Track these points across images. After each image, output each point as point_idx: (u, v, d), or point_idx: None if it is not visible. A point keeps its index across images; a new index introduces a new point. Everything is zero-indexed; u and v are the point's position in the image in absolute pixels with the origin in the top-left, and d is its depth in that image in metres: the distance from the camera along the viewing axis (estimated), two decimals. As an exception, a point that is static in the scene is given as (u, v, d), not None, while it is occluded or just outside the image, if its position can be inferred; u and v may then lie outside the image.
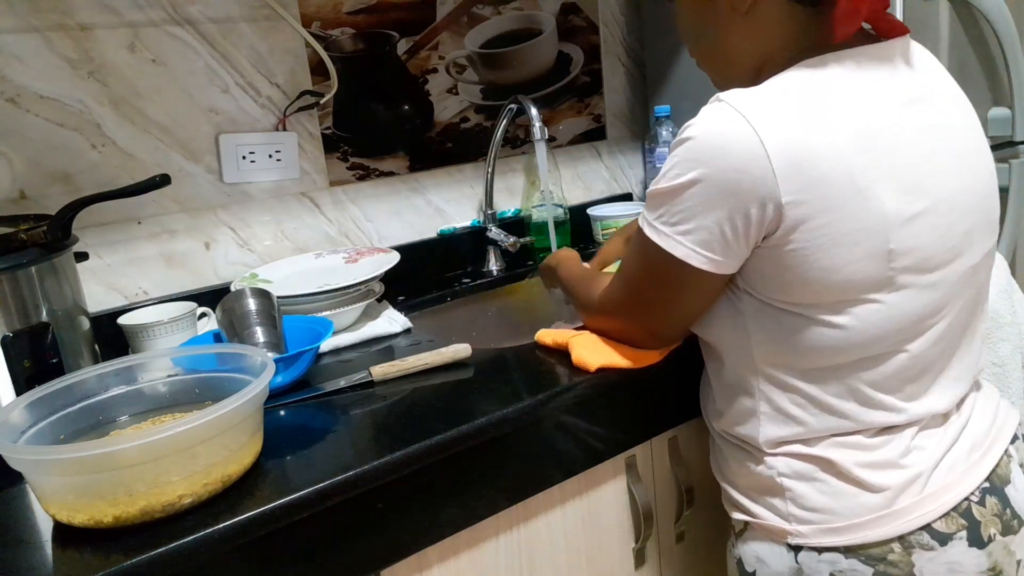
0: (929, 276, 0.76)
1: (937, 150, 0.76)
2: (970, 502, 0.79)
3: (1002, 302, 1.05)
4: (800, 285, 0.74)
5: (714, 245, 0.76)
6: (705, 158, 0.73)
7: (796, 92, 0.73)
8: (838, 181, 0.71)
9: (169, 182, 0.97)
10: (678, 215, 0.76)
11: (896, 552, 0.78)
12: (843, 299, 0.74)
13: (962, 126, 0.81)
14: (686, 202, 0.75)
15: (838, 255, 0.72)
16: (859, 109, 0.73)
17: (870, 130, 0.73)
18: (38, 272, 0.93)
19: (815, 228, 0.71)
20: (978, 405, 0.86)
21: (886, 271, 0.73)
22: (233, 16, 1.29)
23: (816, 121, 0.71)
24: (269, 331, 1.01)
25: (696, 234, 0.76)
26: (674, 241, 0.77)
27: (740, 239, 0.75)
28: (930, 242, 0.75)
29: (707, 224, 0.75)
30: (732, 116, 0.72)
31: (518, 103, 1.45)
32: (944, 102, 0.80)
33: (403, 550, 0.82)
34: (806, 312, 0.76)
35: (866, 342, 0.76)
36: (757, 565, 0.86)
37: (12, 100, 1.13)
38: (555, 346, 1.02)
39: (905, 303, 0.75)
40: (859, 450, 0.79)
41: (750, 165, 0.71)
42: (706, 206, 0.74)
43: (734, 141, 0.71)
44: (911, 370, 0.79)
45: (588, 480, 0.98)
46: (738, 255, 0.77)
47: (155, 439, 0.67)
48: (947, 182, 0.76)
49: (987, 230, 0.82)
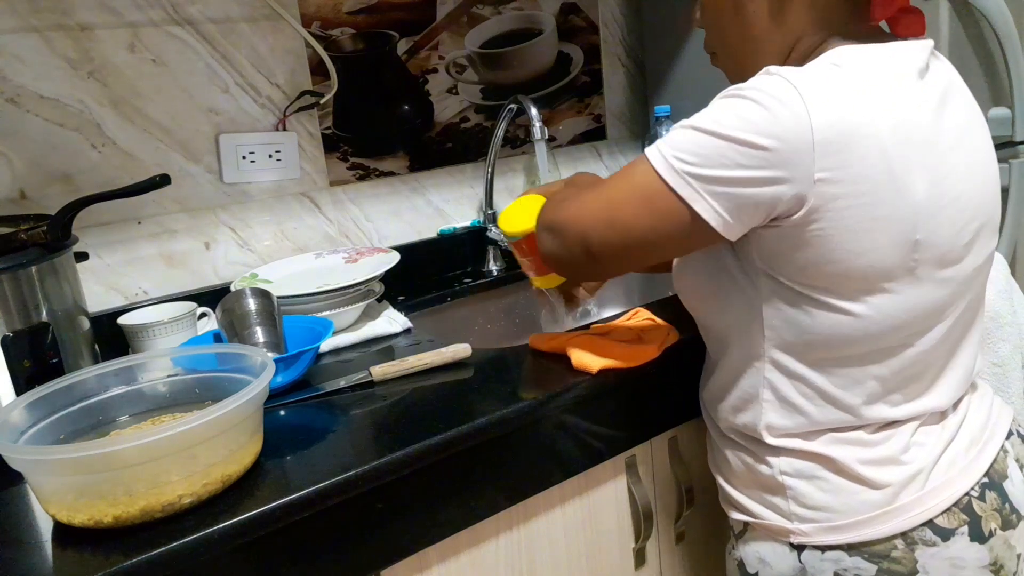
0: (944, 272, 0.76)
1: (957, 147, 0.77)
2: (970, 497, 0.79)
3: (1002, 302, 1.05)
4: (823, 266, 0.74)
5: (733, 208, 0.73)
6: (752, 117, 0.71)
7: (842, 72, 0.73)
8: (874, 164, 0.70)
9: (169, 182, 0.96)
10: (701, 157, 0.72)
11: (899, 549, 0.78)
12: (862, 286, 0.74)
13: (974, 127, 0.81)
14: (716, 151, 0.72)
15: (865, 239, 0.72)
16: (898, 97, 0.73)
17: (908, 118, 0.73)
18: (38, 272, 0.93)
19: (844, 208, 0.71)
20: (974, 402, 0.86)
21: (908, 261, 0.73)
22: (233, 16, 1.29)
23: (861, 103, 0.71)
24: (269, 331, 1.01)
25: (717, 187, 0.72)
26: (692, 190, 0.73)
27: (761, 207, 0.72)
28: (949, 237, 0.75)
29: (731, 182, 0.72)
30: (786, 87, 0.71)
31: (518, 103, 1.45)
32: (960, 103, 0.80)
33: (403, 550, 0.82)
34: (824, 296, 0.76)
35: (879, 333, 0.76)
36: (760, 566, 0.86)
37: (12, 100, 1.13)
38: (551, 351, 1.01)
39: (921, 296, 0.76)
40: (860, 447, 0.80)
41: (793, 135, 0.69)
42: (736, 164, 0.71)
43: (784, 108, 0.70)
44: (916, 367, 0.79)
45: (588, 480, 0.98)
46: (746, 225, 0.75)
47: (155, 439, 0.67)
48: (963, 180, 0.77)
49: (992, 231, 0.82)
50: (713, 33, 0.88)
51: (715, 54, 0.90)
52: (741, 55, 0.86)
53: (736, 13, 0.83)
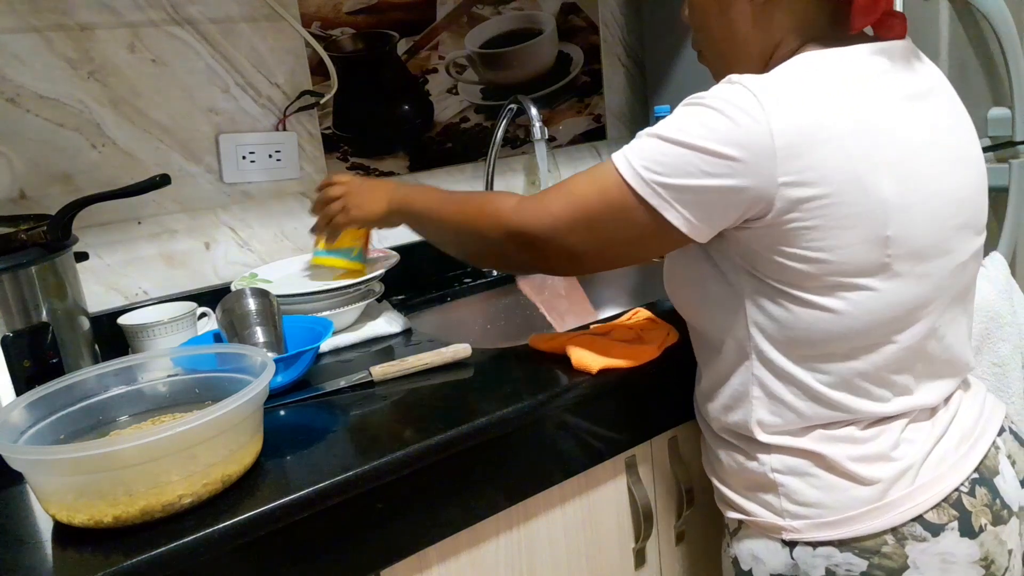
0: (922, 266, 0.77)
1: (932, 143, 0.78)
2: (960, 493, 0.80)
3: (1002, 302, 1.05)
4: (798, 264, 0.75)
5: (702, 215, 0.76)
6: (713, 124, 0.73)
7: (804, 78, 0.75)
8: (838, 165, 0.72)
9: (169, 182, 0.96)
10: (665, 166, 0.75)
11: (889, 544, 0.78)
12: (838, 282, 0.75)
13: (957, 127, 0.82)
14: (680, 159, 0.74)
15: (834, 237, 0.73)
16: (861, 98, 0.75)
17: (870, 119, 0.74)
18: (38, 272, 0.93)
19: (811, 209, 0.72)
20: (965, 399, 0.87)
21: (882, 257, 0.74)
22: (233, 16, 1.29)
23: (821, 106, 0.73)
24: (269, 331, 1.01)
25: (680, 193, 0.75)
26: (661, 199, 0.76)
27: (729, 212, 0.75)
28: (925, 233, 0.76)
29: (694, 186, 0.74)
30: (745, 94, 0.73)
31: (518, 103, 1.45)
32: (941, 102, 0.82)
33: (403, 550, 0.82)
34: (803, 293, 0.77)
35: (859, 328, 0.77)
36: (753, 563, 0.86)
37: (12, 100, 1.13)
38: (551, 351, 1.02)
39: (899, 291, 0.76)
40: (850, 443, 0.80)
41: (754, 142, 0.71)
42: (699, 170, 0.74)
43: (743, 115, 0.72)
44: (901, 362, 0.80)
45: (588, 480, 0.98)
46: (716, 228, 0.77)
47: (155, 439, 0.67)
48: (940, 177, 0.78)
49: (975, 230, 0.83)
50: (700, 32, 0.90)
51: (701, 52, 0.91)
52: (725, 55, 0.87)
53: (721, 14, 0.85)
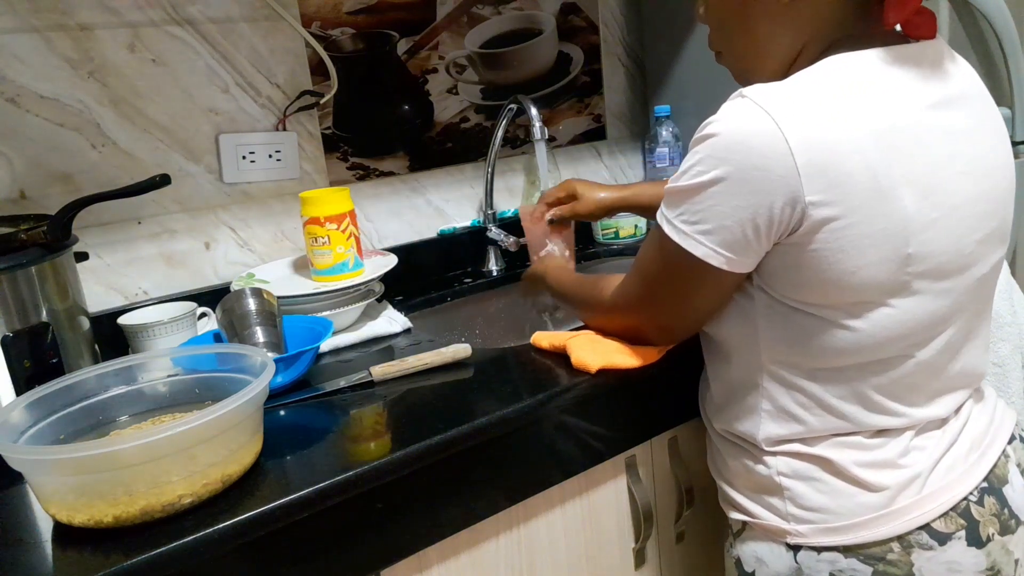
0: (943, 283, 0.75)
1: (956, 155, 0.75)
2: (969, 502, 0.79)
3: (1002, 302, 1.04)
4: (816, 285, 0.74)
5: (734, 244, 0.74)
6: (727, 155, 0.71)
7: (821, 88, 0.72)
8: (861, 181, 0.69)
9: (169, 182, 0.96)
10: (699, 214, 0.75)
11: (895, 552, 0.78)
12: (857, 301, 0.74)
13: (987, 132, 0.79)
14: (707, 200, 0.74)
15: (857, 257, 0.71)
16: (883, 108, 0.72)
17: (893, 130, 0.71)
18: (38, 272, 0.93)
19: (838, 229, 0.70)
20: (976, 407, 0.86)
21: (902, 275, 0.73)
22: (233, 16, 1.29)
23: (840, 119, 0.70)
24: (269, 331, 1.01)
25: (717, 234, 0.74)
26: (694, 241, 0.76)
27: (761, 238, 0.73)
28: (946, 248, 0.74)
29: (728, 224, 0.73)
30: (755, 112, 0.70)
31: (518, 103, 1.44)
32: (971, 107, 0.78)
33: (403, 550, 0.82)
34: (819, 312, 0.75)
35: (876, 345, 0.75)
36: (756, 565, 0.86)
37: (12, 100, 1.13)
38: (552, 349, 1.02)
39: (917, 309, 0.75)
40: (858, 450, 0.79)
41: (773, 163, 0.69)
42: (727, 205, 0.73)
43: (757, 137, 0.70)
44: (917, 376, 0.78)
45: (588, 480, 0.98)
46: (757, 253, 0.76)
47: (155, 439, 0.67)
48: (965, 188, 0.75)
49: (1000, 240, 0.81)
50: (718, 32, 0.87)
51: (720, 53, 0.88)
52: (746, 57, 0.84)
53: (742, 13, 0.81)
